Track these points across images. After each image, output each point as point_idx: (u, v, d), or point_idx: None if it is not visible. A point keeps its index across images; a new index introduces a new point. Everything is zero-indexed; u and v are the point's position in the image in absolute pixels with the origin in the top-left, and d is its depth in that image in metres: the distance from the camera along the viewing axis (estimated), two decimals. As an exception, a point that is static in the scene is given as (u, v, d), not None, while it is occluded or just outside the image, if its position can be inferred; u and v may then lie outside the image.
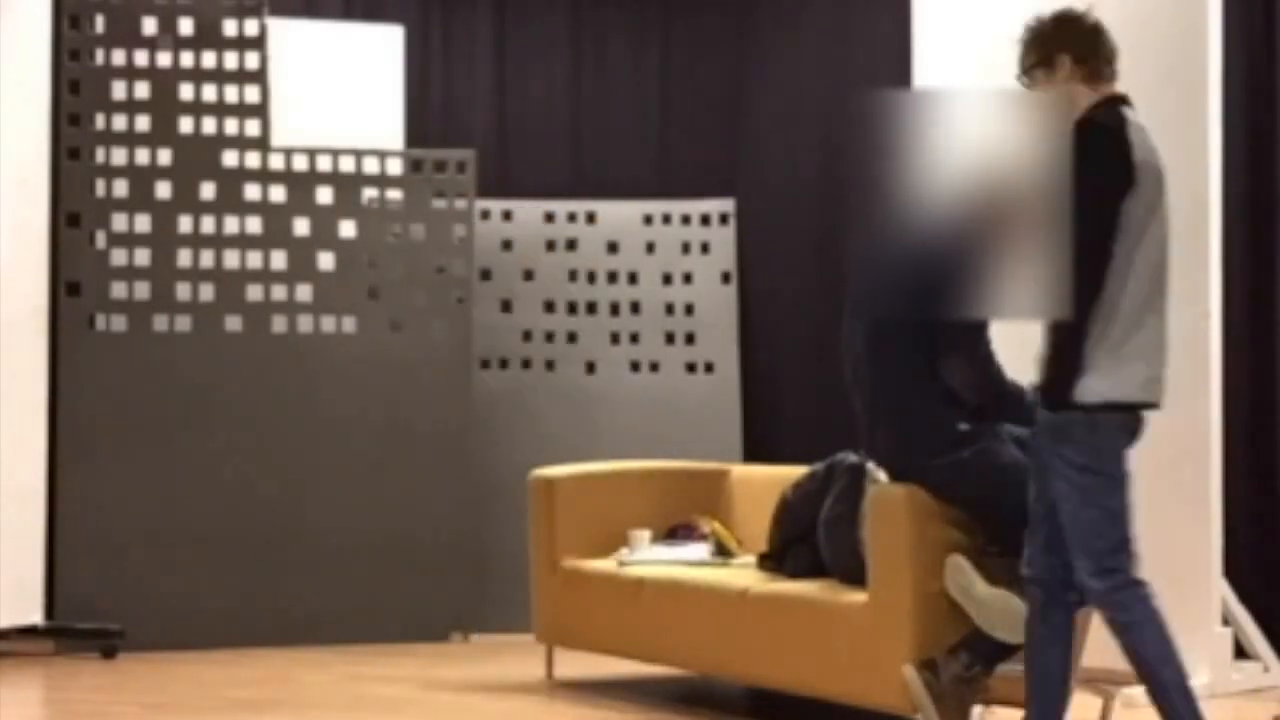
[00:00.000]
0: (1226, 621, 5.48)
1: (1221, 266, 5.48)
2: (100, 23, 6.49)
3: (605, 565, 5.53)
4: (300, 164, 6.63)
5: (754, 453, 7.36)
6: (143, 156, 6.50)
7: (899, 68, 6.73)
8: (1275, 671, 5.56)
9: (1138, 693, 5.11)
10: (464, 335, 6.77)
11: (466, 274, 6.83)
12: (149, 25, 6.53)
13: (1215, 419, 5.38)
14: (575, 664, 5.76)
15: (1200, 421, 5.37)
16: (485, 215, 7.48)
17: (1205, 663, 5.32)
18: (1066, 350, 3.68)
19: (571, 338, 7.56)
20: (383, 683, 5.67)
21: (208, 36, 6.55)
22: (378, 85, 7.30)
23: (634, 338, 7.57)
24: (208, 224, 6.54)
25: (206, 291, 6.52)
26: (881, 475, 4.72)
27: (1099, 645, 5.04)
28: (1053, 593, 3.87)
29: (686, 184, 7.82)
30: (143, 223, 6.49)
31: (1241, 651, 5.55)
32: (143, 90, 6.51)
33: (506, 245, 7.54)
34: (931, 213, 4.29)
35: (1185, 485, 5.36)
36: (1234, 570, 5.55)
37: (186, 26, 6.54)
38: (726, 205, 7.63)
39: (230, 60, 6.55)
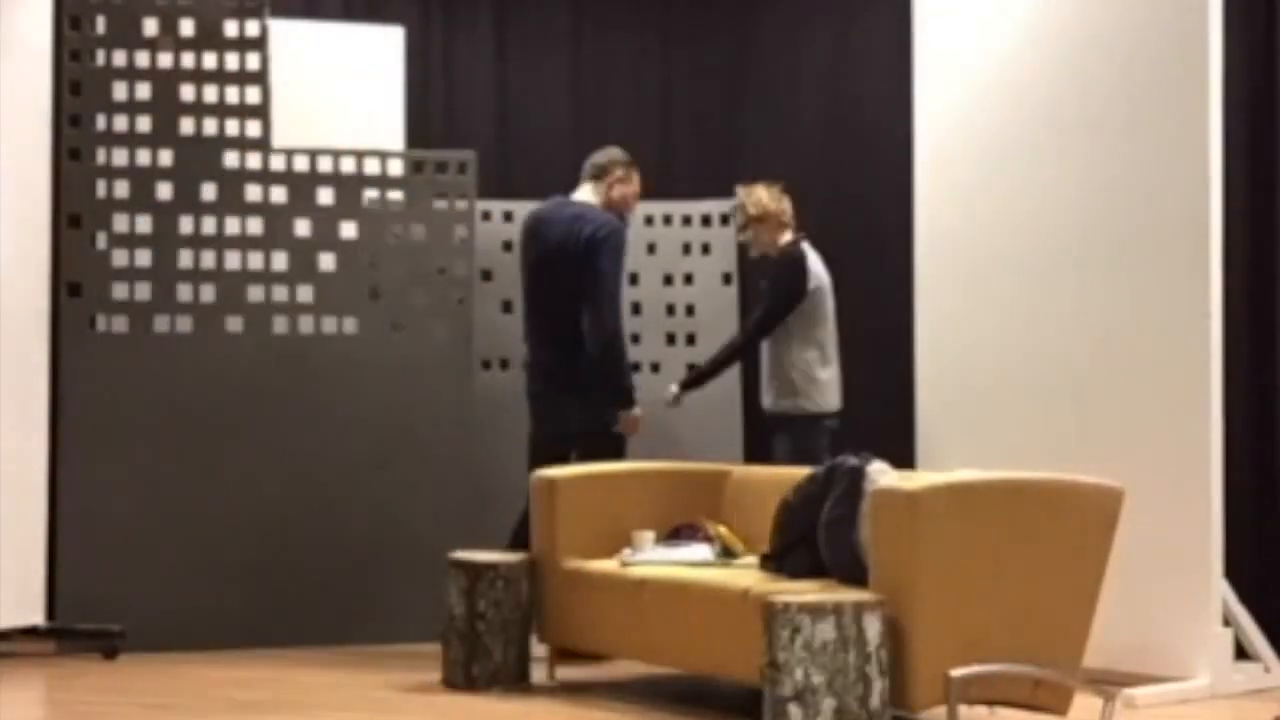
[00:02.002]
0: (1227, 622, 5.48)
1: (1222, 268, 5.47)
2: (101, 24, 6.50)
3: (607, 565, 5.53)
4: (301, 165, 6.63)
5: (755, 454, 7.36)
6: (144, 157, 6.51)
7: (900, 68, 6.74)
8: (1276, 672, 5.56)
9: (1138, 693, 5.14)
10: (465, 336, 6.77)
11: (467, 275, 6.83)
12: (150, 26, 6.53)
13: (1216, 420, 5.38)
14: (576, 664, 5.76)
15: (1201, 422, 5.37)
16: (486, 216, 7.49)
17: (1206, 663, 5.33)
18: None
19: (573, 338, 7.56)
20: (383, 683, 5.67)
21: (209, 38, 6.55)
22: (378, 86, 7.30)
23: (635, 338, 7.57)
24: (209, 225, 6.54)
25: (207, 292, 6.53)
26: (883, 479, 4.74)
27: (1099, 645, 5.06)
28: None
29: (687, 184, 7.82)
30: (144, 223, 6.50)
31: (1242, 652, 5.55)
32: (144, 91, 6.52)
33: (508, 246, 7.54)
34: None
35: (1186, 486, 5.36)
36: (1234, 570, 5.56)
37: (187, 28, 6.55)
38: (727, 206, 7.62)
39: (231, 61, 6.55)
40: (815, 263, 6.55)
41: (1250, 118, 6.27)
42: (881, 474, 4.85)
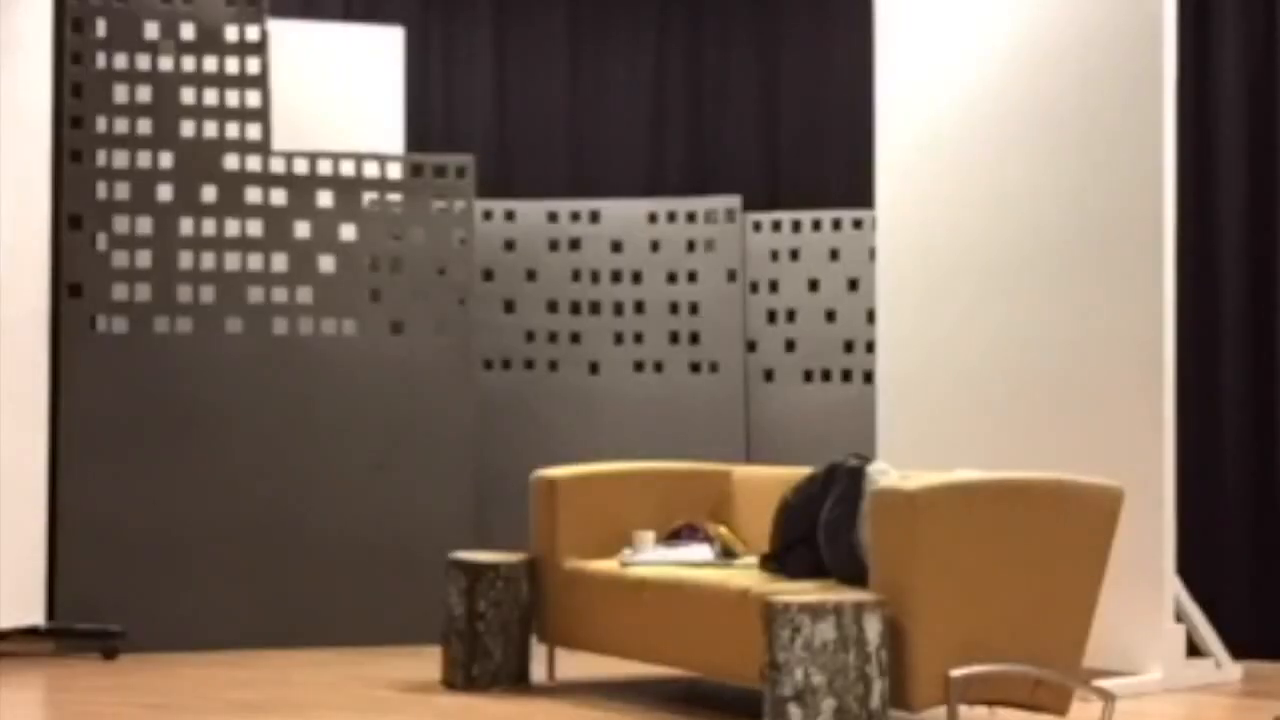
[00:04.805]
0: (1179, 618, 5.53)
1: (1175, 273, 5.59)
2: (102, 26, 6.50)
3: (607, 566, 5.53)
4: (301, 168, 6.63)
5: (758, 453, 7.35)
6: (144, 159, 6.52)
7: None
8: (1227, 668, 5.61)
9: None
10: (464, 338, 6.76)
11: (466, 277, 6.83)
12: (151, 30, 6.54)
13: (1169, 421, 5.52)
14: (576, 664, 5.76)
15: (1154, 424, 5.49)
16: (488, 215, 7.49)
17: (1158, 659, 5.43)
18: None
19: (575, 338, 7.56)
20: (383, 683, 5.67)
21: (209, 41, 6.56)
22: (378, 86, 7.31)
23: (638, 337, 7.57)
24: (209, 226, 6.55)
25: (207, 293, 6.53)
26: (883, 479, 4.73)
27: (1100, 645, 5.06)
28: None
29: (686, 182, 7.82)
30: (144, 225, 6.51)
31: (1194, 648, 5.61)
32: (144, 94, 6.53)
33: (509, 245, 7.54)
34: None
35: (1139, 487, 5.38)
36: (1185, 567, 5.61)
37: (188, 31, 6.56)
38: (733, 201, 7.61)
39: (231, 65, 6.56)
40: None
41: (1196, 122, 6.30)
42: (881, 474, 4.85)
